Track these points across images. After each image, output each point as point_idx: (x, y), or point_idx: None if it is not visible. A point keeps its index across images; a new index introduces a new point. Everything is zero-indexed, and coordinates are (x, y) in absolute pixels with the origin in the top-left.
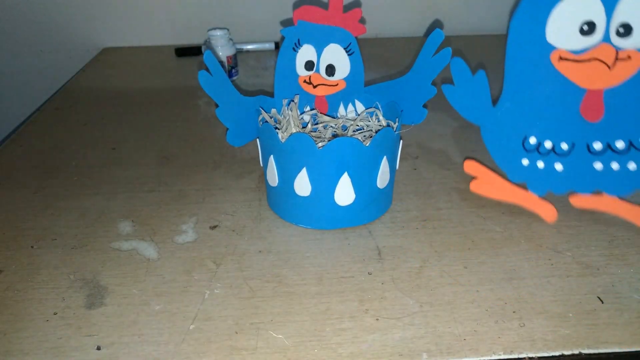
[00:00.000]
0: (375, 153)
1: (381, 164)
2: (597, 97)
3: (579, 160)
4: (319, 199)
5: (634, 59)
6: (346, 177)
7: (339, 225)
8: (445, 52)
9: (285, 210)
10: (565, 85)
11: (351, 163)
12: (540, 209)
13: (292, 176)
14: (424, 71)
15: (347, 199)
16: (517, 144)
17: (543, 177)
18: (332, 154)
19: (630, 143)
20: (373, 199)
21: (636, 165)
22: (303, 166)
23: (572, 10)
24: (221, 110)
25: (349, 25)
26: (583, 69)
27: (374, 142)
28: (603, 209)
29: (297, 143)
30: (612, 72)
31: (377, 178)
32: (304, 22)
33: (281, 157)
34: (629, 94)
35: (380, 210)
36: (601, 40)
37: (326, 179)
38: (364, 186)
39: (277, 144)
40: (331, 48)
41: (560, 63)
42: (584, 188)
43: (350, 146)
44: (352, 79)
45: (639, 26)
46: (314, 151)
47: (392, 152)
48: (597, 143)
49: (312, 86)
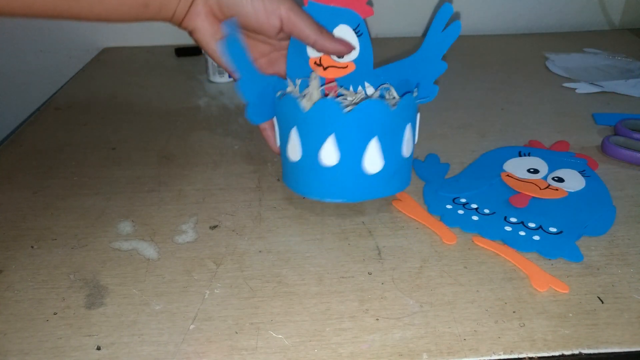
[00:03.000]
0: (401, 118)
1: (406, 131)
2: (526, 197)
3: (494, 221)
4: (347, 168)
5: (559, 191)
6: (375, 142)
7: (367, 196)
8: (455, 26)
9: (308, 186)
10: (505, 187)
11: (380, 127)
12: (443, 233)
13: (316, 147)
14: (434, 47)
15: (376, 167)
16: (448, 199)
17: (457, 217)
18: (360, 118)
19: (540, 226)
20: (399, 168)
21: (540, 237)
22: (330, 133)
23: (524, 163)
24: (243, 82)
25: (357, 7)
26: (521, 184)
27: (400, 106)
28: (500, 253)
29: (323, 109)
30: (542, 192)
31: (402, 145)
32: (314, 3)
33: (305, 127)
34: (551, 203)
35: (404, 183)
36: (541, 178)
37: (355, 145)
38: (392, 153)
39: (300, 114)
40: (341, 29)
41: (506, 178)
42: (490, 236)
43: (379, 108)
44: (361, 61)
45: (568, 178)
46: (341, 116)
47: (414, 120)
48: (514, 218)
49: (323, 68)
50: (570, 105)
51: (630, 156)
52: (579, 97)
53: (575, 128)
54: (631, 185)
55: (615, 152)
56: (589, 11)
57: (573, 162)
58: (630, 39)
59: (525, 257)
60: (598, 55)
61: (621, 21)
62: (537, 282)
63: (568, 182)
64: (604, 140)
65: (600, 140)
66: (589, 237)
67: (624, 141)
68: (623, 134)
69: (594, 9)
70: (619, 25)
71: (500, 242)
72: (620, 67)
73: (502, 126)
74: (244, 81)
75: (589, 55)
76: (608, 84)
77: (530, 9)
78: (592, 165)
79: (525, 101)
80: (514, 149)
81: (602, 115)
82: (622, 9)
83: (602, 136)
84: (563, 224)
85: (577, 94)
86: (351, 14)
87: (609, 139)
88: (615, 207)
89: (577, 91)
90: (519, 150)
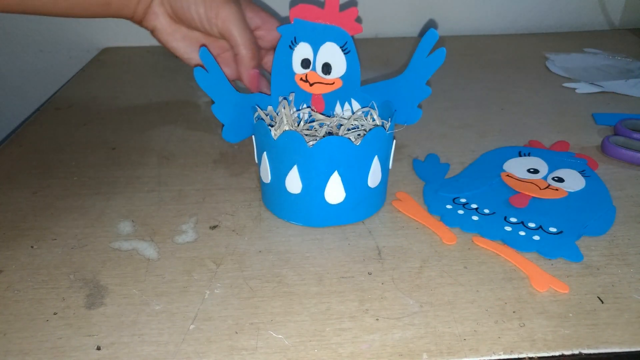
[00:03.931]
0: (366, 152)
1: (372, 163)
2: (526, 197)
3: (494, 221)
4: (310, 197)
5: (559, 191)
6: (336, 175)
7: (330, 223)
8: (439, 52)
9: (277, 207)
10: (504, 187)
11: (341, 162)
12: (443, 233)
13: (283, 173)
14: (418, 71)
15: (337, 198)
16: (448, 199)
17: (457, 217)
18: (322, 153)
19: (540, 226)
20: (364, 198)
21: (539, 237)
22: (294, 164)
23: (524, 163)
24: (217, 107)
25: (345, 24)
26: (521, 184)
27: (365, 141)
28: (500, 253)
29: (288, 141)
30: (542, 192)
31: (368, 177)
32: (300, 20)
33: (273, 154)
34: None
35: (372, 210)
36: (541, 178)
37: (316, 177)
38: (354, 185)
39: (270, 141)
40: (327, 46)
41: (506, 178)
42: (490, 236)
43: (340, 145)
44: (348, 78)
45: (568, 178)
46: (304, 149)
47: (385, 151)
48: (514, 218)
49: (309, 84)
50: (570, 105)
51: (630, 156)
52: (579, 97)
53: (575, 128)
54: (631, 185)
55: (615, 152)
56: (589, 11)
57: (573, 162)
58: (630, 39)
59: (525, 257)
60: (598, 55)
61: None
62: (537, 282)
63: (568, 182)
64: (604, 140)
65: (600, 140)
66: (589, 237)
67: (624, 141)
68: (623, 134)
69: (594, 9)
70: (619, 25)
71: (500, 242)
72: (620, 67)
73: (502, 126)
74: (218, 106)
75: (589, 55)
76: (608, 84)
77: (530, 9)
78: (592, 165)
79: (525, 101)
80: (514, 149)
81: (602, 115)
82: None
83: (602, 136)
84: (563, 224)
85: (577, 94)
86: (338, 31)
87: (609, 139)
88: (615, 207)
89: (577, 91)
90: (519, 150)
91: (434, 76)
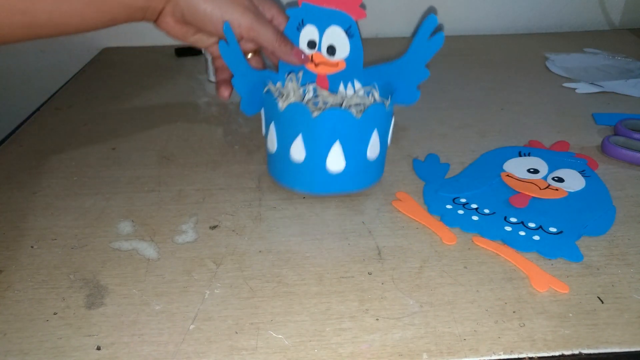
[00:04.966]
0: (367, 125)
1: (372, 137)
2: (526, 197)
3: (494, 221)
4: (312, 165)
5: (559, 191)
6: (338, 145)
7: (330, 190)
8: (438, 36)
9: (281, 175)
10: (504, 187)
11: (343, 132)
12: (443, 233)
13: (288, 143)
14: (418, 54)
15: (338, 167)
16: (448, 199)
17: (457, 217)
18: (325, 123)
19: (540, 226)
20: (363, 169)
21: (539, 237)
22: (299, 133)
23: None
24: (237, 80)
25: (349, 9)
26: (521, 184)
27: (366, 115)
28: (500, 253)
29: (295, 111)
30: (542, 192)
31: (367, 149)
32: (307, 3)
33: (280, 125)
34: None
35: (369, 180)
36: (540, 178)
37: (319, 147)
38: (354, 155)
39: (277, 112)
40: (332, 29)
41: (506, 178)
42: (490, 236)
43: (342, 117)
44: (351, 60)
45: (568, 178)
46: (309, 119)
47: (384, 126)
48: (514, 218)
49: (314, 64)
50: (570, 105)
51: (630, 156)
52: (579, 97)
53: (575, 128)
54: (631, 185)
55: (615, 152)
56: (589, 11)
57: (573, 162)
58: (630, 39)
59: (525, 257)
60: (598, 55)
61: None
62: (537, 282)
63: (568, 182)
64: (604, 140)
65: (600, 140)
66: (589, 237)
67: (624, 141)
68: (623, 134)
69: (594, 9)
70: (619, 25)
71: (500, 242)
72: (620, 67)
73: (502, 126)
74: (237, 78)
75: (589, 55)
76: (608, 84)
77: (530, 9)
78: (592, 165)
79: (525, 101)
80: (514, 149)
81: (602, 115)
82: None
83: (602, 136)
84: (563, 224)
85: (577, 94)
86: (343, 15)
87: (609, 139)
88: (615, 207)
89: (577, 91)
90: (519, 150)
91: (434, 76)
